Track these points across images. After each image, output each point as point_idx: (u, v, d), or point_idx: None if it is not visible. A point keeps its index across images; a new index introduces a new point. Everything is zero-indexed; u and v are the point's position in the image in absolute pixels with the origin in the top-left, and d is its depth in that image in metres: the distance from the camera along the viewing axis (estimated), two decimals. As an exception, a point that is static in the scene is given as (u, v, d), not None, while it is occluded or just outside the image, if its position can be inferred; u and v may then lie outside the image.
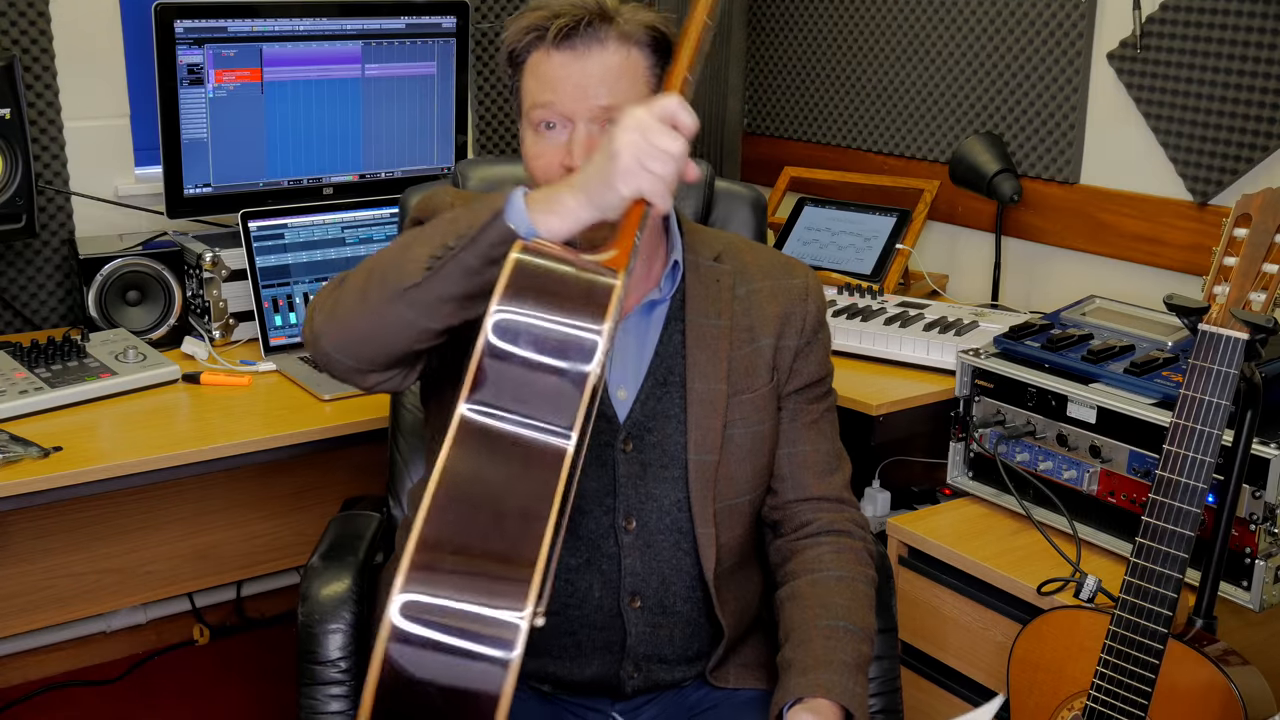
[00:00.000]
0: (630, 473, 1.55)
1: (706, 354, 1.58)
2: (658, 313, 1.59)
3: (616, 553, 1.55)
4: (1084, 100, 2.57)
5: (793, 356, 1.63)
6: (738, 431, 1.58)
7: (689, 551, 1.57)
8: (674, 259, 1.59)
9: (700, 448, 1.56)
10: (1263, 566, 1.79)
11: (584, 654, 1.57)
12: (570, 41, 1.47)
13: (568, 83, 1.46)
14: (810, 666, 1.49)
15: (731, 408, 1.58)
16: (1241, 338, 1.53)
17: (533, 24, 1.48)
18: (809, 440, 1.65)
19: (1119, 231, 2.53)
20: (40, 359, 2.21)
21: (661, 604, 1.57)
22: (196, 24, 2.45)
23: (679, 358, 1.58)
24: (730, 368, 1.59)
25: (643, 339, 1.58)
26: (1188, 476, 1.56)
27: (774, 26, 3.27)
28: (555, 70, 1.47)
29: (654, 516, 1.55)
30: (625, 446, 1.55)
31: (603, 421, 1.54)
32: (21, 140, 2.29)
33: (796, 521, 1.64)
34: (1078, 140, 2.59)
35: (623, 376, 1.57)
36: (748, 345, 1.61)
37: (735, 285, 1.63)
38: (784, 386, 1.63)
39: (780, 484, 1.64)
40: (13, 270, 2.57)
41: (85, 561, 2.73)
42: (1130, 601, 1.59)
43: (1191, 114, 2.37)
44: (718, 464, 1.57)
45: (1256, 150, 2.28)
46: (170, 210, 2.54)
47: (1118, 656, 1.60)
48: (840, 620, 1.54)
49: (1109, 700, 1.61)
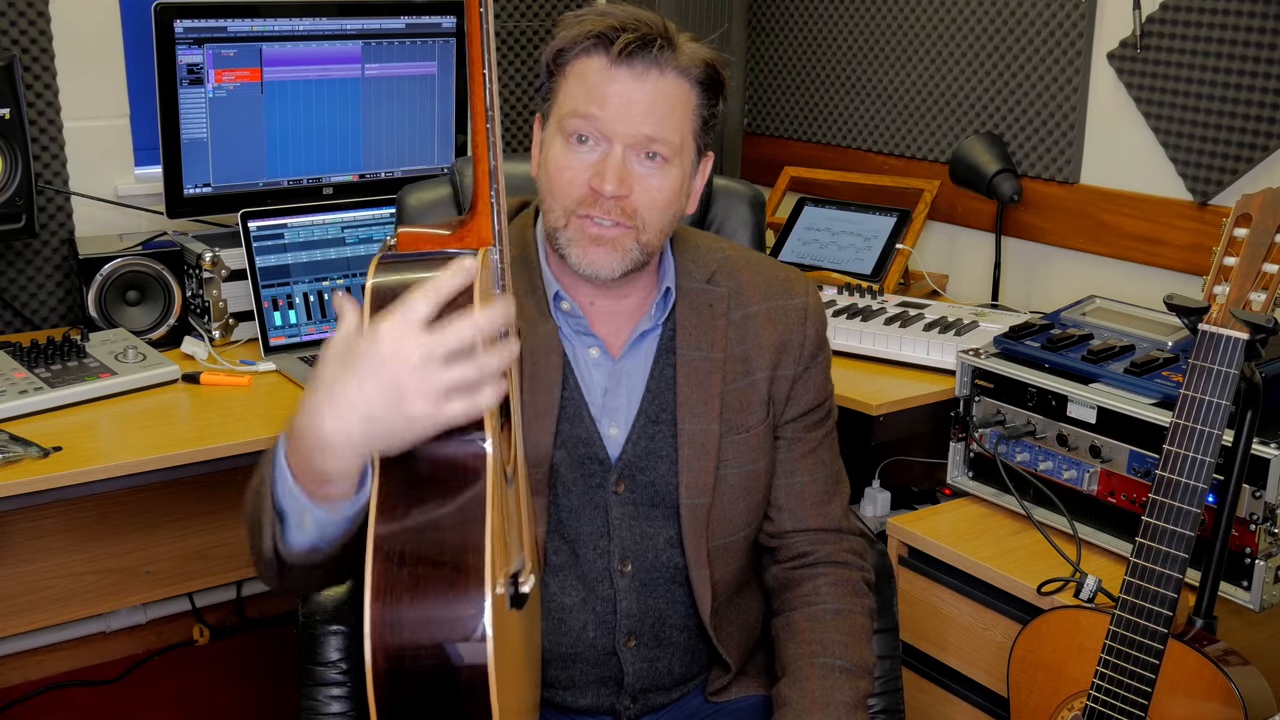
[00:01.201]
0: (624, 514, 1.51)
1: (698, 391, 1.52)
2: (648, 343, 1.54)
3: (612, 595, 1.52)
4: (1084, 100, 2.57)
5: (790, 385, 1.58)
6: (731, 472, 1.54)
7: (684, 585, 1.54)
8: (665, 285, 1.54)
9: (692, 491, 1.51)
10: (1263, 566, 1.79)
11: (578, 687, 1.55)
12: (632, 60, 1.40)
13: (618, 101, 1.40)
14: (807, 709, 1.47)
15: (724, 448, 1.53)
16: (1241, 338, 1.53)
17: (598, 30, 1.40)
18: (807, 470, 1.60)
19: (1119, 231, 2.53)
20: (40, 359, 2.21)
21: (657, 639, 1.54)
22: (196, 24, 2.45)
23: (670, 394, 1.53)
24: (724, 405, 1.53)
25: (634, 373, 1.53)
26: (1188, 476, 1.56)
27: (774, 26, 3.26)
28: (608, 84, 1.40)
29: (649, 557, 1.52)
30: (618, 488, 1.51)
31: (594, 464, 1.50)
32: (21, 140, 2.29)
33: (794, 551, 1.60)
34: (1078, 140, 2.59)
35: (614, 414, 1.52)
36: (742, 379, 1.55)
37: (730, 309, 1.56)
38: (781, 415, 1.58)
39: (777, 514, 1.60)
40: (13, 270, 2.57)
41: (85, 561, 2.73)
42: (1130, 601, 1.59)
43: (1191, 114, 2.37)
44: (710, 506, 1.52)
45: (1256, 150, 2.28)
46: (170, 210, 2.54)
47: (1118, 656, 1.60)
48: (837, 659, 1.51)
49: (1109, 700, 1.61)
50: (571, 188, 1.42)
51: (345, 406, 1.07)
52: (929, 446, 2.63)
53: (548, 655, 1.53)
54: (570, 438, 1.50)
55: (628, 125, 1.40)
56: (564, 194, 1.42)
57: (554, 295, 1.52)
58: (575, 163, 1.42)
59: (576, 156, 1.42)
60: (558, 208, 1.44)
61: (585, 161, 1.42)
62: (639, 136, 1.41)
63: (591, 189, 1.41)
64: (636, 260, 1.46)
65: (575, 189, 1.42)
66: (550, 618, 1.52)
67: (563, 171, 1.42)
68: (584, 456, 1.51)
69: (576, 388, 1.51)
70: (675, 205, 1.48)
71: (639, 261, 1.46)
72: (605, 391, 1.52)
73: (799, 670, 1.51)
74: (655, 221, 1.45)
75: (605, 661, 1.53)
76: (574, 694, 1.55)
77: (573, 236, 1.44)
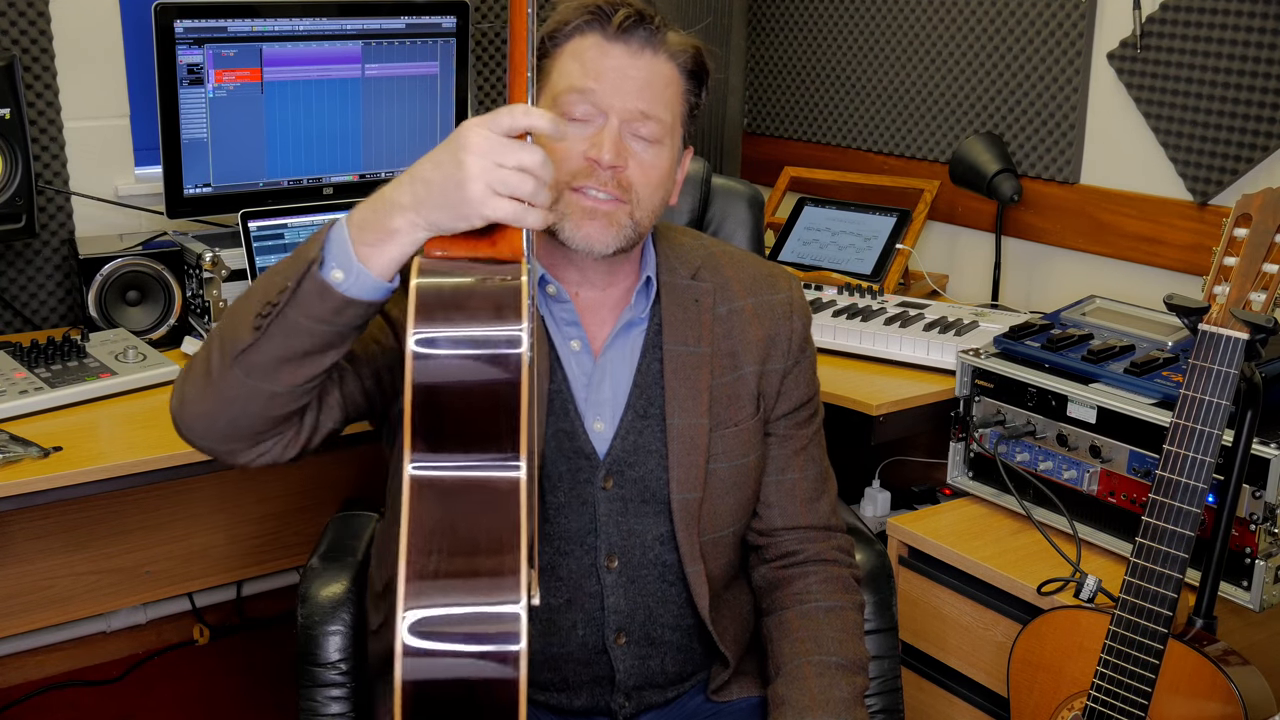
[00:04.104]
0: (612, 510, 1.51)
1: (686, 385, 1.52)
2: (634, 336, 1.54)
3: (599, 591, 1.51)
4: (1084, 100, 2.57)
5: (780, 379, 1.58)
6: (721, 466, 1.54)
7: (675, 583, 1.54)
8: (646, 274, 1.54)
9: (683, 486, 1.51)
10: (1263, 566, 1.79)
11: (572, 688, 1.54)
12: (628, 36, 1.43)
13: (615, 75, 1.42)
14: (807, 708, 1.47)
15: (714, 442, 1.53)
16: (1241, 338, 1.53)
17: (594, 4, 1.43)
18: (798, 467, 1.60)
19: (1119, 231, 2.53)
20: (40, 359, 2.21)
21: (648, 636, 1.54)
22: (196, 24, 2.45)
23: (658, 388, 1.52)
24: (712, 399, 1.53)
25: (620, 366, 1.53)
26: (1188, 476, 1.56)
27: (774, 26, 3.26)
28: (604, 59, 1.43)
29: (637, 553, 1.52)
30: (606, 484, 1.50)
31: (581, 459, 1.50)
32: (21, 140, 2.29)
33: (782, 549, 1.61)
34: (1078, 140, 2.59)
35: (599, 408, 1.51)
36: (730, 374, 1.56)
37: (715, 304, 1.57)
38: (772, 411, 1.59)
39: (767, 510, 1.60)
40: (13, 270, 2.57)
41: (85, 561, 2.73)
42: (1130, 601, 1.59)
43: (1191, 114, 2.37)
44: (701, 500, 1.52)
45: (1256, 150, 2.28)
46: (170, 210, 2.54)
47: (1118, 656, 1.60)
48: (833, 656, 1.52)
49: (1109, 700, 1.61)
50: (566, 160, 1.42)
51: (417, 169, 1.21)
52: (929, 446, 2.63)
53: (538, 658, 1.51)
54: (557, 432, 1.50)
55: (624, 99, 1.42)
56: (558, 167, 1.41)
57: (539, 278, 1.51)
58: (570, 136, 1.42)
59: (571, 131, 1.43)
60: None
61: (580, 135, 1.43)
62: (634, 111, 1.43)
63: (588, 160, 1.42)
64: (630, 238, 1.46)
65: (570, 161, 1.43)
66: (538, 619, 1.50)
67: (556, 146, 1.42)
68: (570, 451, 1.50)
69: (564, 380, 1.51)
70: (665, 186, 1.50)
71: (631, 239, 1.47)
72: (588, 385, 1.52)
73: (795, 669, 1.51)
74: (648, 198, 1.47)
75: (596, 660, 1.53)
76: (569, 695, 1.55)
77: (567, 210, 1.44)
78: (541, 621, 1.51)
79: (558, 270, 1.52)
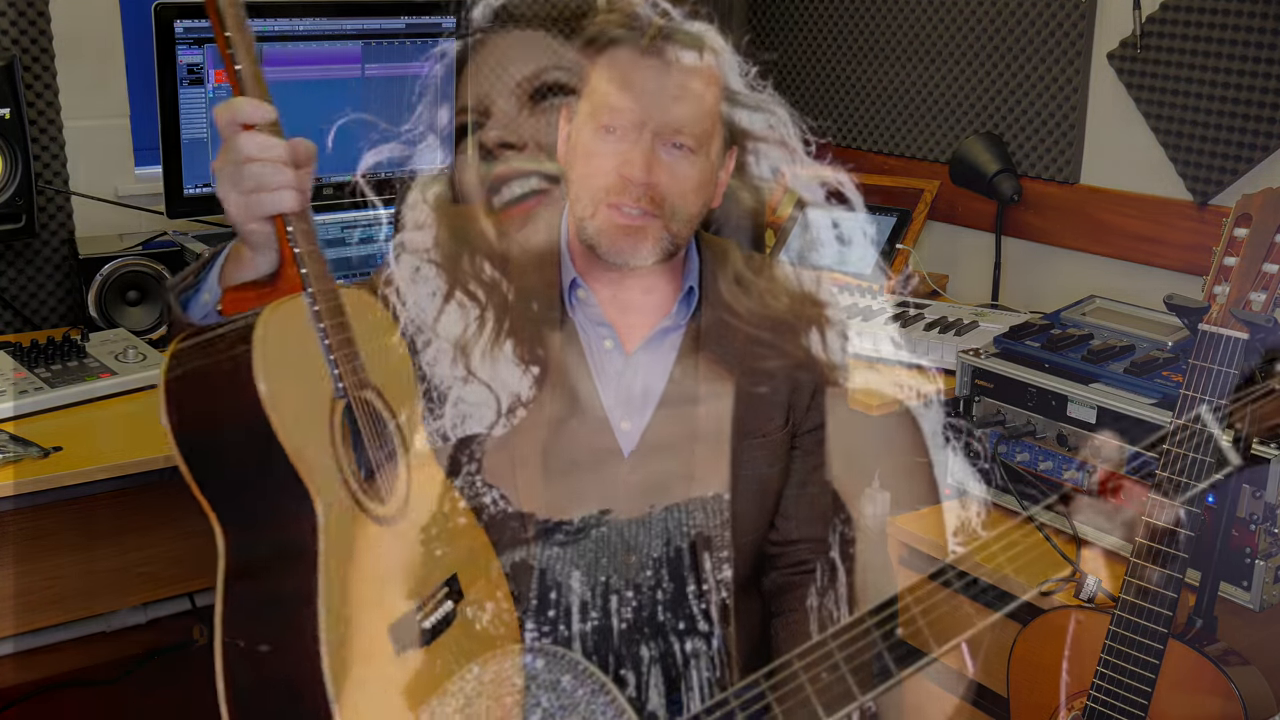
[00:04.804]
0: (632, 508, 1.52)
1: (717, 393, 1.53)
2: (669, 341, 1.55)
3: (618, 586, 1.51)
4: (1084, 100, 2.56)
5: (810, 395, 1.60)
6: (745, 474, 1.55)
7: (692, 582, 1.53)
8: (689, 284, 1.56)
9: (706, 489, 1.52)
10: (1263, 566, 1.79)
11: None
12: (661, 47, 1.44)
13: (646, 90, 1.43)
14: None
15: (741, 450, 1.54)
16: (1241, 338, 1.53)
17: (629, 17, 1.45)
18: (818, 482, 1.62)
19: (1119, 231, 2.53)
20: (40, 359, 2.21)
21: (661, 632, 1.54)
22: (196, 24, 2.45)
23: (688, 394, 1.54)
24: (741, 409, 1.54)
25: (652, 369, 1.54)
26: (1188, 476, 1.56)
27: (774, 26, 3.26)
28: (636, 72, 1.44)
29: (657, 551, 1.52)
30: (629, 481, 1.52)
31: (606, 455, 1.51)
32: (21, 140, 2.29)
33: (795, 559, 1.62)
34: (1078, 140, 2.59)
35: (627, 408, 1.53)
36: (763, 385, 1.57)
37: (754, 316, 1.58)
38: (801, 425, 1.60)
39: (785, 522, 1.61)
40: (13, 270, 2.57)
41: (85, 561, 2.72)
42: (1130, 601, 1.59)
43: (1191, 114, 2.37)
44: (727, 504, 1.53)
45: (1256, 150, 2.28)
46: (170, 210, 2.54)
47: (1118, 656, 1.60)
48: None
49: (1109, 700, 1.61)
50: (600, 175, 1.45)
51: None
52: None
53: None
54: (584, 429, 1.51)
55: (656, 113, 1.43)
56: (593, 182, 1.45)
57: (570, 283, 1.53)
58: (604, 150, 1.45)
59: (605, 145, 1.45)
60: (586, 196, 1.47)
61: (614, 150, 1.44)
62: (666, 125, 1.43)
63: (620, 176, 1.44)
64: (667, 249, 1.48)
65: (603, 177, 1.45)
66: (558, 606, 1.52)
67: (591, 159, 1.45)
68: (596, 448, 1.51)
69: (592, 379, 1.52)
70: (702, 194, 1.50)
71: (668, 250, 1.49)
72: (618, 384, 1.53)
73: None
74: (683, 209, 1.48)
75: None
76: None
77: (601, 226, 1.46)
78: (560, 610, 1.51)
79: (594, 277, 1.54)
